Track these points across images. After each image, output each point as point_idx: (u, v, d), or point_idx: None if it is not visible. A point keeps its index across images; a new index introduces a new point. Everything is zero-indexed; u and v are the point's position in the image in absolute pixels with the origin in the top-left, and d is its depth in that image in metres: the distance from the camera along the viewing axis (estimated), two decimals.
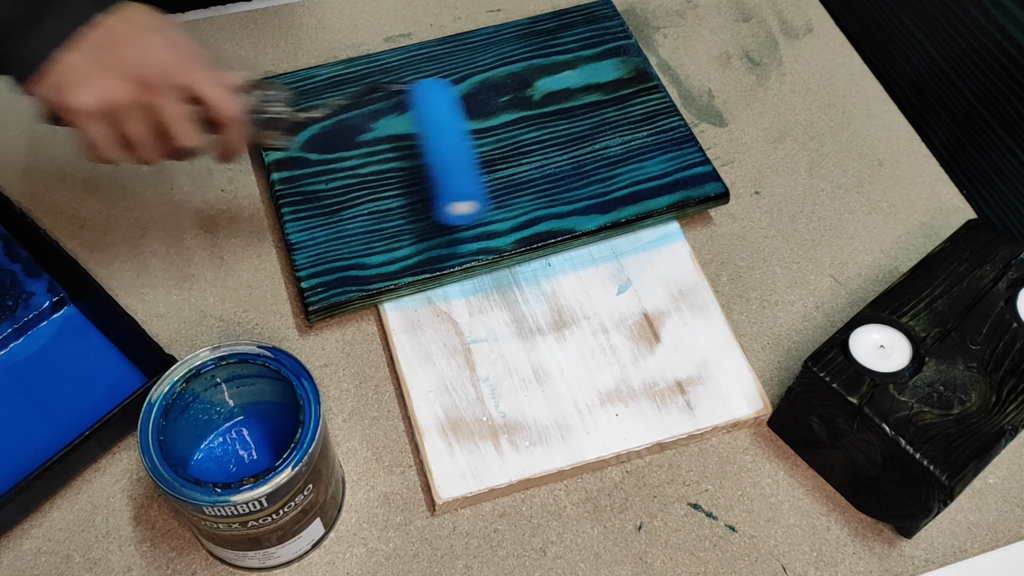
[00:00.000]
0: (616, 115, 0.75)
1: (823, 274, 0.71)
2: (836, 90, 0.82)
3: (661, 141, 0.73)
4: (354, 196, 0.70)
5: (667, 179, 0.71)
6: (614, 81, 0.77)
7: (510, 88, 0.76)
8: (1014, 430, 0.55)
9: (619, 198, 0.70)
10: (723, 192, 0.71)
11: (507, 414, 0.62)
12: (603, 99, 0.76)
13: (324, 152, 0.72)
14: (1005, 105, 0.79)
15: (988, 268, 0.62)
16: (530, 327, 0.66)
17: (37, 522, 0.59)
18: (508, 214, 0.69)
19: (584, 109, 0.75)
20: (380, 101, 0.75)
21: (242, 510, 0.49)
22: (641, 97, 0.76)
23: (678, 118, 0.74)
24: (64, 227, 0.71)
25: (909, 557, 0.59)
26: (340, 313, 0.66)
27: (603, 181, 0.71)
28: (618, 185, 0.70)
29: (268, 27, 0.84)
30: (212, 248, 0.71)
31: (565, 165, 0.71)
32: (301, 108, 0.61)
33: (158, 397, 0.52)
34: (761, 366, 0.66)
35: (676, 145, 0.73)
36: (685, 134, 0.73)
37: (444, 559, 0.58)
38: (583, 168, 0.71)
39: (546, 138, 0.73)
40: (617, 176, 0.71)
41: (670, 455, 0.62)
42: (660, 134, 0.73)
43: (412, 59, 0.77)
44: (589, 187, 0.70)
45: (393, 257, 0.66)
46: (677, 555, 0.58)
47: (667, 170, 0.71)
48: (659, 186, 0.70)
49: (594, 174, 0.71)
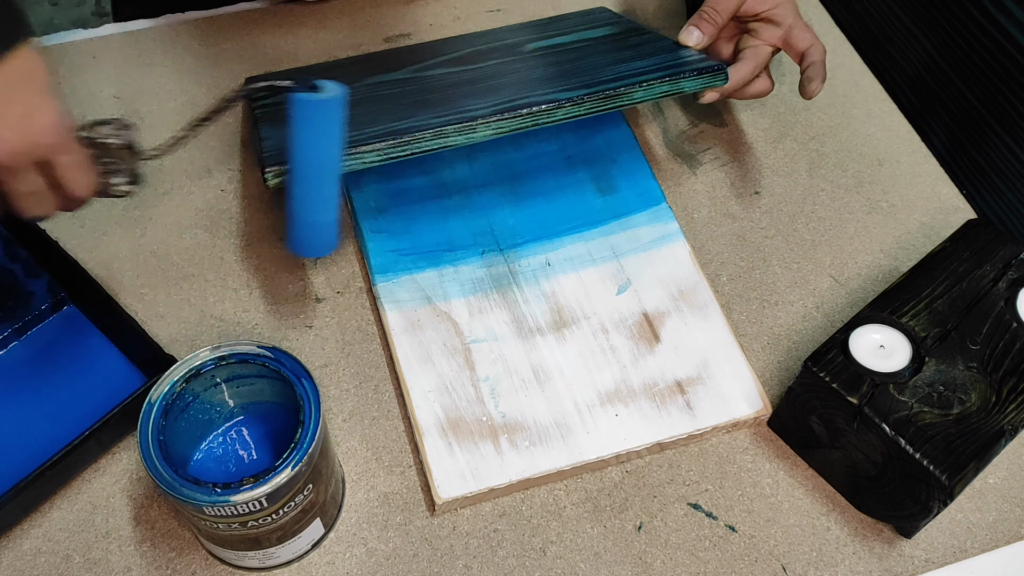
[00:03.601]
0: (608, 46, 0.72)
1: (823, 274, 0.71)
2: (836, 90, 0.82)
3: (654, 49, 0.69)
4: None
5: (660, 65, 0.66)
6: (608, 35, 0.75)
7: (501, 52, 0.75)
8: (1014, 430, 0.55)
9: (607, 79, 0.64)
10: (719, 66, 0.65)
11: (507, 414, 0.62)
12: (596, 37, 0.74)
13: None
14: (1005, 105, 0.79)
15: (988, 268, 0.62)
16: (530, 327, 0.66)
17: (37, 522, 0.59)
18: (489, 100, 0.63)
19: (575, 46, 0.73)
20: (376, 71, 0.73)
21: (242, 510, 0.49)
22: (635, 36, 0.74)
23: (672, 41, 0.70)
24: (64, 227, 0.71)
25: (909, 557, 0.59)
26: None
27: (590, 72, 0.66)
28: (607, 74, 0.65)
29: (268, 27, 0.84)
30: (212, 248, 0.71)
31: (551, 70, 0.68)
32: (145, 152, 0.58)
33: (158, 397, 0.52)
34: (761, 366, 0.66)
35: (669, 51, 0.69)
36: (679, 46, 0.69)
37: (444, 559, 0.58)
38: (570, 73, 0.67)
39: (532, 65, 0.70)
40: (606, 68, 0.67)
41: (670, 455, 0.62)
42: (653, 47, 0.70)
43: (410, 48, 0.78)
44: (576, 77, 0.66)
45: (362, 133, 0.61)
46: (677, 555, 0.58)
47: (659, 64, 0.66)
48: (650, 68, 0.65)
49: (581, 73, 0.66)
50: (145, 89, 0.79)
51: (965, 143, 0.84)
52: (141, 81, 0.80)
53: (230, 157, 0.75)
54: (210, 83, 0.80)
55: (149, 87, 0.79)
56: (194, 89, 0.79)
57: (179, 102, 0.78)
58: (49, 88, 0.51)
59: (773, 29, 0.69)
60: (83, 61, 0.81)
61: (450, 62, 0.74)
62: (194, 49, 0.82)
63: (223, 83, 0.80)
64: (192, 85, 0.80)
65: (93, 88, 0.79)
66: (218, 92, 0.79)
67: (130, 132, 0.56)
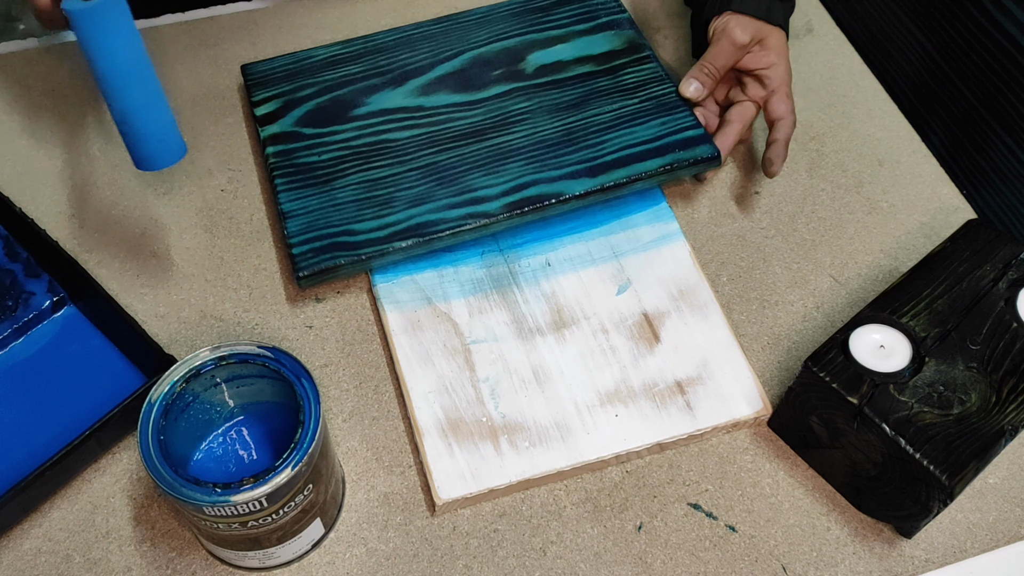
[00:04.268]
0: (608, 83, 0.75)
1: (823, 274, 0.71)
2: (836, 90, 0.82)
3: (652, 107, 0.73)
4: (346, 167, 0.70)
5: (658, 143, 0.70)
6: (607, 52, 0.77)
7: (503, 62, 0.76)
8: (1014, 430, 0.55)
9: (609, 162, 0.69)
10: (714, 155, 0.70)
11: (507, 414, 0.62)
12: (595, 69, 0.76)
13: (318, 127, 0.73)
14: (1005, 105, 0.79)
15: (988, 268, 0.62)
16: (530, 327, 0.66)
17: (37, 522, 0.59)
18: (498, 179, 0.69)
19: (576, 79, 0.75)
20: (376, 78, 0.75)
21: (242, 510, 0.49)
22: (634, 66, 0.76)
23: (670, 85, 0.74)
24: (64, 227, 0.71)
25: (909, 557, 0.59)
26: (331, 279, 0.66)
27: (593, 146, 0.70)
28: (608, 150, 0.70)
29: (268, 27, 0.84)
30: (212, 248, 0.71)
31: (555, 132, 0.71)
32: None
33: (158, 397, 0.52)
34: (761, 366, 0.66)
35: (667, 110, 0.73)
36: (676, 100, 0.73)
37: (444, 559, 0.58)
38: (573, 134, 0.71)
39: (536, 107, 0.73)
40: (607, 141, 0.71)
41: (670, 455, 0.62)
42: (651, 100, 0.73)
43: (408, 38, 0.78)
44: (579, 152, 0.70)
45: (383, 223, 0.67)
46: (677, 555, 0.58)
47: (658, 134, 0.71)
48: (650, 150, 0.70)
49: (584, 140, 0.71)
50: None
51: (965, 143, 0.84)
52: None
53: (230, 157, 0.75)
54: (210, 83, 0.80)
55: None
56: (194, 89, 0.79)
57: (179, 102, 0.78)
58: None
59: (760, 88, 0.73)
60: (83, 61, 0.81)
61: (453, 81, 0.75)
62: (194, 49, 0.82)
63: (223, 83, 0.80)
64: (192, 85, 0.80)
65: (93, 88, 0.79)
66: (218, 92, 0.79)
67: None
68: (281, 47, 0.82)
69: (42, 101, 0.78)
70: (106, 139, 0.76)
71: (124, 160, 0.74)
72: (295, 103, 0.74)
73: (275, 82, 0.75)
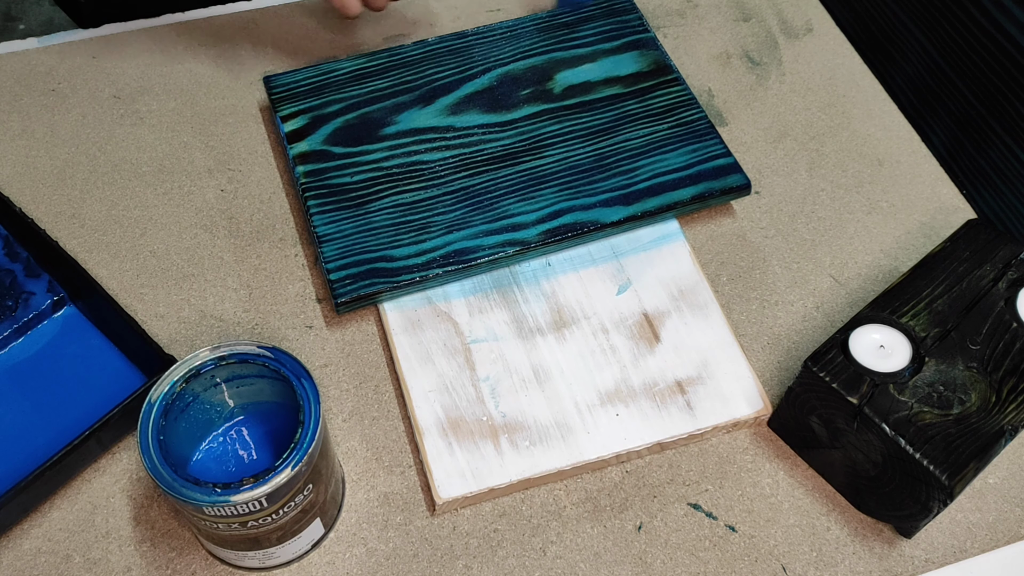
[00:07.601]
0: (637, 107, 0.75)
1: (823, 274, 0.71)
2: (836, 90, 0.82)
3: (682, 133, 0.73)
4: (380, 189, 0.70)
5: (689, 171, 0.71)
6: (634, 74, 0.77)
7: (531, 81, 0.76)
8: (1014, 430, 0.55)
9: (642, 190, 0.70)
10: (746, 184, 0.71)
11: (507, 414, 0.62)
12: (623, 92, 0.76)
13: (348, 145, 0.72)
14: (1005, 105, 0.79)
15: (988, 268, 0.62)
16: (530, 327, 0.66)
17: (37, 522, 0.59)
18: (533, 206, 0.69)
19: (605, 102, 0.75)
20: (404, 95, 0.75)
21: (242, 510, 0.49)
22: (661, 90, 0.76)
23: (699, 110, 0.75)
24: (64, 227, 0.71)
25: (909, 557, 0.59)
26: (368, 305, 0.66)
27: (625, 173, 0.71)
28: (640, 177, 0.71)
29: (268, 27, 0.84)
30: (212, 248, 0.71)
31: (587, 157, 0.72)
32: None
33: (158, 397, 0.52)
34: (761, 366, 0.66)
35: (697, 137, 0.73)
36: (706, 126, 0.74)
37: (444, 559, 0.58)
38: (605, 160, 0.72)
39: (568, 131, 0.74)
40: (639, 168, 0.71)
41: (670, 455, 0.62)
42: (681, 126, 0.74)
43: (433, 53, 0.78)
44: (612, 179, 0.71)
45: (420, 249, 0.67)
46: (677, 555, 0.58)
47: (689, 162, 0.72)
48: (681, 178, 0.71)
49: (616, 166, 0.71)
50: (145, 89, 0.79)
51: (965, 143, 0.84)
52: (141, 81, 0.80)
53: (230, 157, 0.75)
54: (210, 83, 0.80)
55: (149, 87, 0.79)
56: (194, 89, 0.79)
57: (179, 102, 0.79)
58: None
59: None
60: (83, 61, 0.81)
61: (482, 100, 0.75)
62: (194, 49, 0.82)
63: (223, 83, 0.80)
64: (192, 85, 0.80)
65: (93, 88, 0.79)
66: (218, 92, 0.79)
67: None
68: (281, 47, 0.82)
69: (42, 101, 0.78)
70: (106, 139, 0.76)
71: (124, 160, 0.75)
72: (323, 119, 0.73)
73: (301, 96, 0.75)
